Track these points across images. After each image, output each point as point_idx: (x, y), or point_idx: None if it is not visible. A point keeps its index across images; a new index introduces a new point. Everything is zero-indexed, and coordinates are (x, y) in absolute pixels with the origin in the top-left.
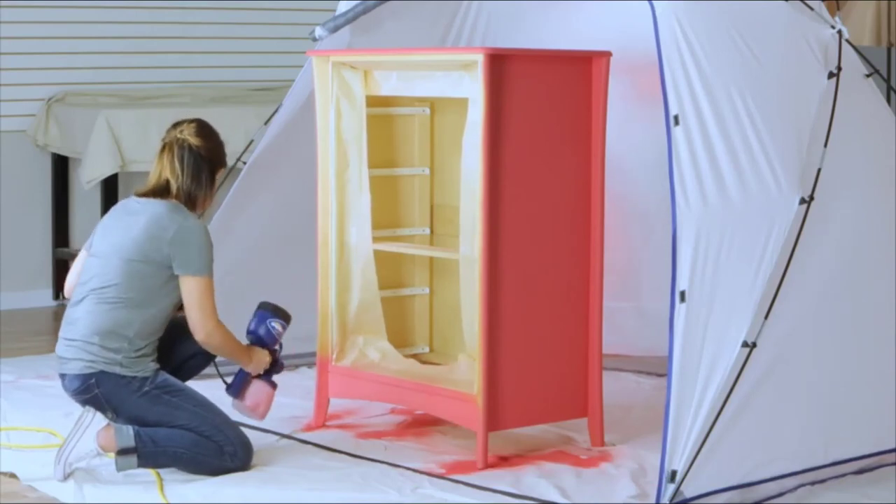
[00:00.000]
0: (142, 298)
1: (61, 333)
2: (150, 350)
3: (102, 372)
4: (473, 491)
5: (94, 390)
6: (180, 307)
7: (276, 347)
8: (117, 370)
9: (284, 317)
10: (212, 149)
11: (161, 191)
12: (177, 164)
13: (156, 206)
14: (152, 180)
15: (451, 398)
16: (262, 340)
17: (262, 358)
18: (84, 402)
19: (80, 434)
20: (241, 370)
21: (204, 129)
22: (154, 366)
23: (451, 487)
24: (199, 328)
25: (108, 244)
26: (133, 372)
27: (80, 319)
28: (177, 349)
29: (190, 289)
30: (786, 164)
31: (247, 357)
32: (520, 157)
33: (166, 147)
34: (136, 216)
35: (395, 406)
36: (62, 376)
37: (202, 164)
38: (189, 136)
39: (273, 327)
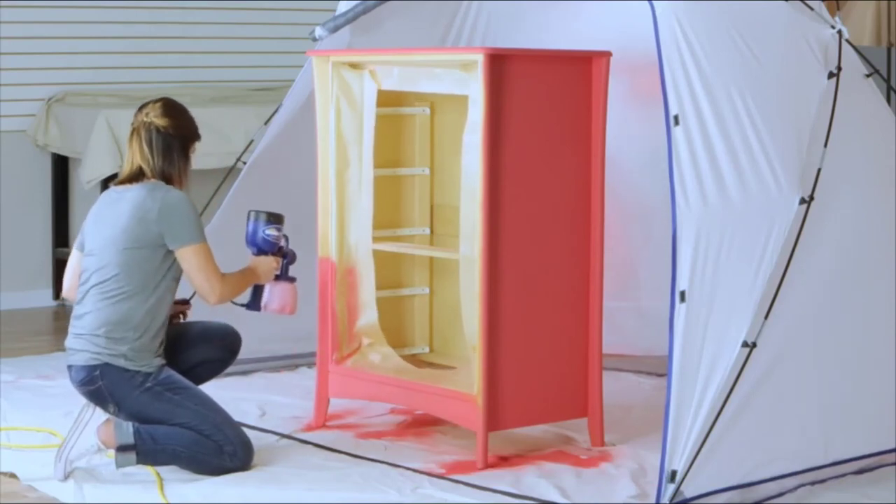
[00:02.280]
0: (142, 285)
1: (70, 328)
2: (155, 344)
3: (107, 364)
4: (473, 491)
5: (98, 382)
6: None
7: (281, 245)
8: (121, 363)
9: (276, 219)
10: (179, 126)
11: (136, 176)
12: (145, 149)
13: (135, 190)
14: (126, 168)
15: (451, 398)
16: (262, 251)
17: (269, 265)
18: (88, 394)
19: (80, 431)
20: (254, 285)
21: (169, 108)
22: (159, 362)
23: (451, 487)
24: (209, 293)
25: (100, 239)
26: (137, 366)
27: (87, 314)
28: (186, 354)
29: (188, 258)
30: (786, 164)
31: (255, 276)
32: (520, 157)
33: (134, 132)
34: (119, 205)
35: (395, 406)
36: (69, 368)
37: (172, 142)
38: (155, 117)
39: (269, 235)
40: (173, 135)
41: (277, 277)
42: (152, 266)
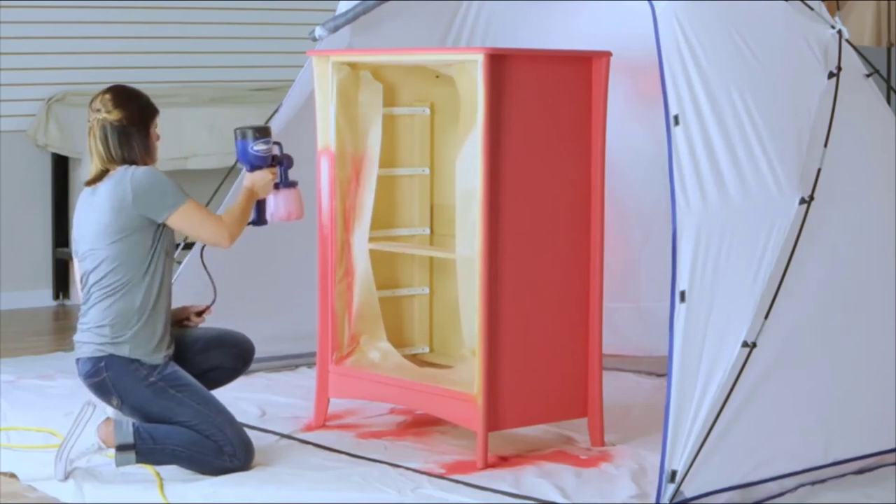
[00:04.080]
0: (139, 269)
1: (77, 326)
2: (157, 325)
3: (112, 356)
4: (473, 491)
5: (103, 374)
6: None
7: (275, 154)
8: (126, 351)
9: (263, 133)
10: (132, 114)
11: (102, 173)
12: (101, 146)
13: (104, 185)
14: (92, 167)
15: (451, 398)
16: (255, 166)
17: (265, 179)
18: (93, 387)
19: (80, 430)
20: (257, 201)
21: (119, 98)
22: (165, 356)
23: (451, 487)
24: (219, 238)
25: (88, 242)
26: (141, 354)
27: (91, 309)
28: (199, 357)
29: (182, 221)
30: (786, 164)
31: (253, 195)
32: (520, 157)
33: (90, 131)
34: (94, 204)
35: (395, 406)
36: (76, 361)
37: (129, 130)
38: (106, 113)
39: (258, 150)
40: (128, 124)
41: (277, 186)
42: (144, 249)
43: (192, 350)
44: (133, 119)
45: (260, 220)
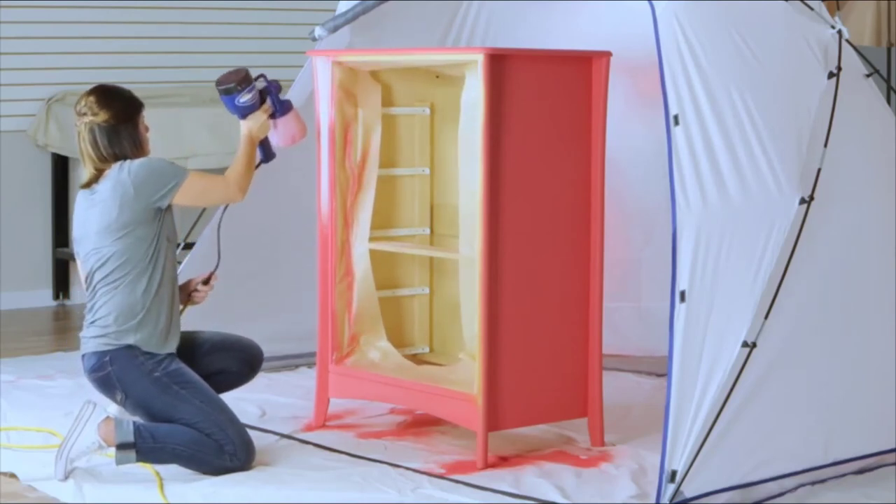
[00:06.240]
0: (144, 260)
1: (84, 322)
2: (161, 311)
3: (117, 349)
4: (473, 491)
5: (107, 368)
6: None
7: (263, 88)
8: (130, 339)
9: (244, 82)
10: (118, 112)
11: (97, 175)
12: (91, 149)
13: (102, 184)
14: (86, 172)
15: (451, 398)
16: (247, 114)
17: (259, 121)
18: (97, 382)
19: (81, 429)
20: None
21: (103, 98)
22: (171, 347)
23: (451, 487)
24: (230, 195)
25: (91, 242)
26: (145, 342)
27: (96, 304)
28: (206, 360)
29: (187, 195)
30: (786, 164)
31: (253, 141)
32: (520, 157)
33: (79, 134)
34: (96, 203)
35: (395, 406)
36: (82, 357)
37: (119, 128)
38: (93, 115)
39: (244, 102)
40: (115, 123)
41: (273, 115)
42: (148, 241)
43: (200, 351)
44: (120, 117)
45: (268, 157)
